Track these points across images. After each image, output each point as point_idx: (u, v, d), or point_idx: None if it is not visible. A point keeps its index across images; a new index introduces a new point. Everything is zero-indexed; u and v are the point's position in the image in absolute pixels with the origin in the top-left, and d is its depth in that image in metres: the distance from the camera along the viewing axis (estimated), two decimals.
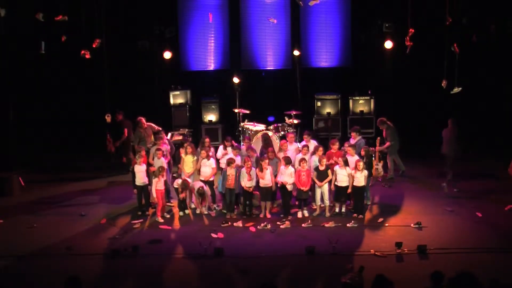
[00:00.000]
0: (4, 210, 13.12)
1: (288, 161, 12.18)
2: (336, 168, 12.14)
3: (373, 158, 12.91)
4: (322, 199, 12.21)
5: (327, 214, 12.22)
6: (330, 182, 12.23)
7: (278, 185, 12.34)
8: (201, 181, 12.61)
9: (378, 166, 13.05)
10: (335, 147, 12.68)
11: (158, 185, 12.20)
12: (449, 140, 13.89)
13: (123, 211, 12.85)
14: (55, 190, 14.61)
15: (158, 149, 12.86)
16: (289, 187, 12.15)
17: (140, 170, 12.54)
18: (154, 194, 12.21)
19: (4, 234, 11.76)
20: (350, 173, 12.06)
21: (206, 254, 10.27)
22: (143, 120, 14.53)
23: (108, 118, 14.08)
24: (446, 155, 13.99)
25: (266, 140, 13.98)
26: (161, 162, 12.58)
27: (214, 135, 16.96)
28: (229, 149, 13.02)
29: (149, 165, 12.75)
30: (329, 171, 12.17)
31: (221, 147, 13.48)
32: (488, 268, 9.32)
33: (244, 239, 11.17)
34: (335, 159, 12.37)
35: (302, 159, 12.15)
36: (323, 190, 12.13)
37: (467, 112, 16.79)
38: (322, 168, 12.12)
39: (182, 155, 12.91)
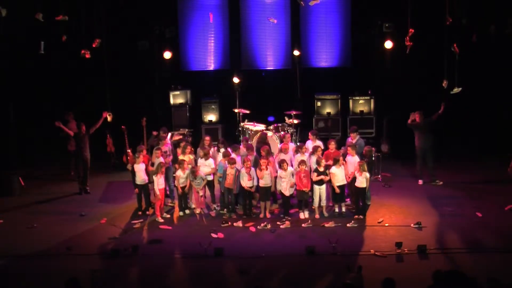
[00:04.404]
0: (4, 210, 13.13)
1: (283, 164, 12.13)
2: (332, 169, 12.12)
3: None
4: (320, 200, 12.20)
5: (325, 214, 12.20)
6: (330, 183, 12.23)
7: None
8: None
9: None
10: (331, 147, 12.70)
11: (159, 182, 12.20)
12: (423, 134, 13.97)
13: (123, 211, 12.85)
14: (55, 190, 14.61)
15: (157, 148, 12.88)
16: (286, 193, 12.14)
17: (139, 169, 12.54)
18: (158, 191, 12.21)
19: (4, 234, 11.77)
20: (346, 173, 12.13)
21: (206, 254, 10.28)
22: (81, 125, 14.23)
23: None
24: (424, 149, 14.04)
25: (262, 140, 13.96)
26: (157, 161, 12.55)
27: (214, 135, 16.95)
28: (220, 153, 12.98)
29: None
30: (328, 171, 12.18)
31: (213, 149, 13.44)
32: (488, 268, 9.34)
33: (244, 239, 11.18)
34: (331, 162, 12.37)
35: (302, 161, 12.13)
36: (321, 191, 12.11)
37: (467, 112, 16.81)
38: (321, 169, 12.11)
39: (180, 156, 12.90)
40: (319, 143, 13.17)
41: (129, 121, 14.53)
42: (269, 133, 15.16)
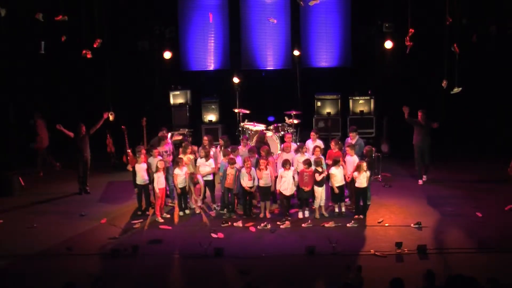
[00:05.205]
0: (4, 210, 13.14)
1: (286, 164, 12.13)
2: (332, 170, 12.12)
3: None
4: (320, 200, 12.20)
5: (325, 214, 12.19)
6: (328, 180, 12.23)
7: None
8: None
9: None
10: (333, 147, 12.68)
11: (159, 181, 12.20)
12: (423, 133, 14.05)
13: (123, 211, 12.85)
14: (55, 190, 14.61)
15: (154, 148, 12.90)
16: (286, 193, 12.13)
17: (140, 169, 12.53)
18: (157, 190, 12.21)
19: (4, 234, 11.77)
20: (345, 173, 12.18)
21: (206, 254, 10.28)
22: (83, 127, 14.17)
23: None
24: (423, 148, 14.08)
25: (261, 139, 13.95)
26: (156, 161, 12.55)
27: (214, 135, 16.93)
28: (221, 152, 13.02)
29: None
30: (325, 170, 12.19)
31: (216, 150, 13.44)
32: (488, 268, 9.34)
33: (244, 239, 11.18)
34: (329, 161, 12.38)
35: (307, 160, 12.12)
36: (322, 191, 12.10)
37: (467, 112, 16.81)
38: (319, 169, 12.10)
39: (181, 155, 12.90)
40: (319, 142, 13.16)
41: (129, 121, 14.55)
42: (269, 133, 15.17)
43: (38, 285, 9.56)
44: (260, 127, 15.71)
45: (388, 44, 16.43)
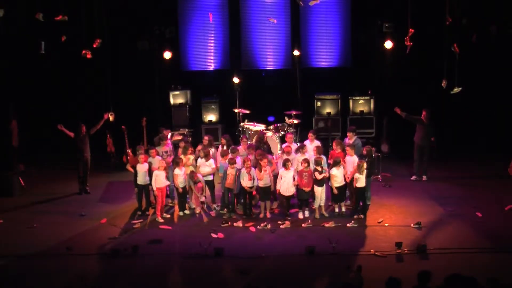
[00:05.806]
0: (4, 210, 13.14)
1: (286, 164, 12.12)
2: (332, 170, 12.11)
3: None
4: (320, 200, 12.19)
5: (325, 214, 12.19)
6: (329, 181, 12.24)
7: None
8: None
9: None
10: (336, 147, 12.67)
11: (158, 180, 12.20)
12: (425, 131, 14.13)
13: (123, 211, 12.85)
14: (55, 190, 14.61)
15: (152, 148, 12.91)
16: (286, 194, 12.12)
17: (141, 169, 12.53)
18: (155, 188, 12.21)
19: (4, 234, 11.78)
20: (344, 173, 12.17)
21: (206, 254, 10.28)
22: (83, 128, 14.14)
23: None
24: (423, 147, 14.14)
25: (260, 139, 13.93)
26: (157, 160, 12.57)
27: (214, 135, 16.94)
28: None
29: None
30: (325, 169, 12.18)
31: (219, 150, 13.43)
32: (488, 268, 9.34)
33: (244, 239, 11.18)
34: (331, 161, 12.38)
35: (306, 160, 12.12)
36: (322, 191, 12.10)
37: (467, 112, 16.81)
38: (319, 168, 12.10)
39: (182, 156, 12.90)
40: (317, 143, 13.16)
41: (129, 121, 14.55)
42: (269, 133, 15.17)
43: (38, 285, 9.56)
44: (260, 127, 15.72)
45: (388, 44, 16.42)
